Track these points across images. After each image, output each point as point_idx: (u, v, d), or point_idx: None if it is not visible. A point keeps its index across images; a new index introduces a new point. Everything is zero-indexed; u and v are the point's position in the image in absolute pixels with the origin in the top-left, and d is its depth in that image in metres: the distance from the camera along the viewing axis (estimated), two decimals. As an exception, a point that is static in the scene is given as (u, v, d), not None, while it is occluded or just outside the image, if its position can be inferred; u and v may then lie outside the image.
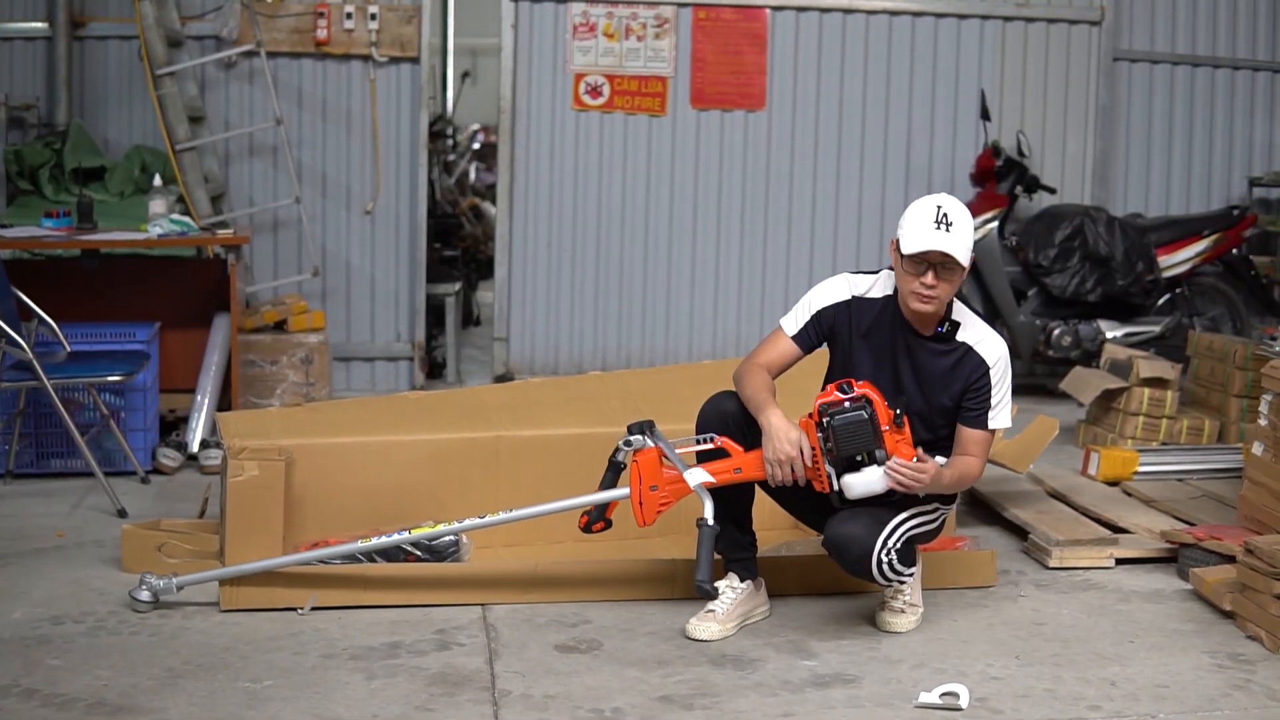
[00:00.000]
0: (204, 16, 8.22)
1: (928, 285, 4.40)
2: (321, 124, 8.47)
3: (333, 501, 5.13)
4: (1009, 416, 4.61)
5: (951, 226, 4.38)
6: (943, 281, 4.41)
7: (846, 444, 4.33)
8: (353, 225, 8.56)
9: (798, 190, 8.88)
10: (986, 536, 5.76)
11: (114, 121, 8.33)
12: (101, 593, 4.84)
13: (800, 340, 4.64)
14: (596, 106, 8.70)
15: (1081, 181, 9.10)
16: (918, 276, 4.41)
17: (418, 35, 8.43)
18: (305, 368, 7.56)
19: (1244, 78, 9.21)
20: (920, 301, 4.44)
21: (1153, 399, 6.92)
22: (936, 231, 4.37)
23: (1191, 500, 5.99)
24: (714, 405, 4.63)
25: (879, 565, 4.42)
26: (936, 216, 4.38)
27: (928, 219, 4.39)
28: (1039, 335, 8.48)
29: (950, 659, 4.43)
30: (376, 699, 4.03)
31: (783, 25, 8.78)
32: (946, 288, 4.43)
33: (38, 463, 6.38)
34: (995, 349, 4.56)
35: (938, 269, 4.39)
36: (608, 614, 4.75)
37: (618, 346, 8.87)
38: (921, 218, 4.40)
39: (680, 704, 4.05)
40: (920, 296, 4.43)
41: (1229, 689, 4.24)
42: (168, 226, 6.82)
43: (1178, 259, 8.55)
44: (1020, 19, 8.94)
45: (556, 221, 8.76)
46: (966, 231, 4.41)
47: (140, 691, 4.02)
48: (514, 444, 5.37)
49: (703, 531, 4.34)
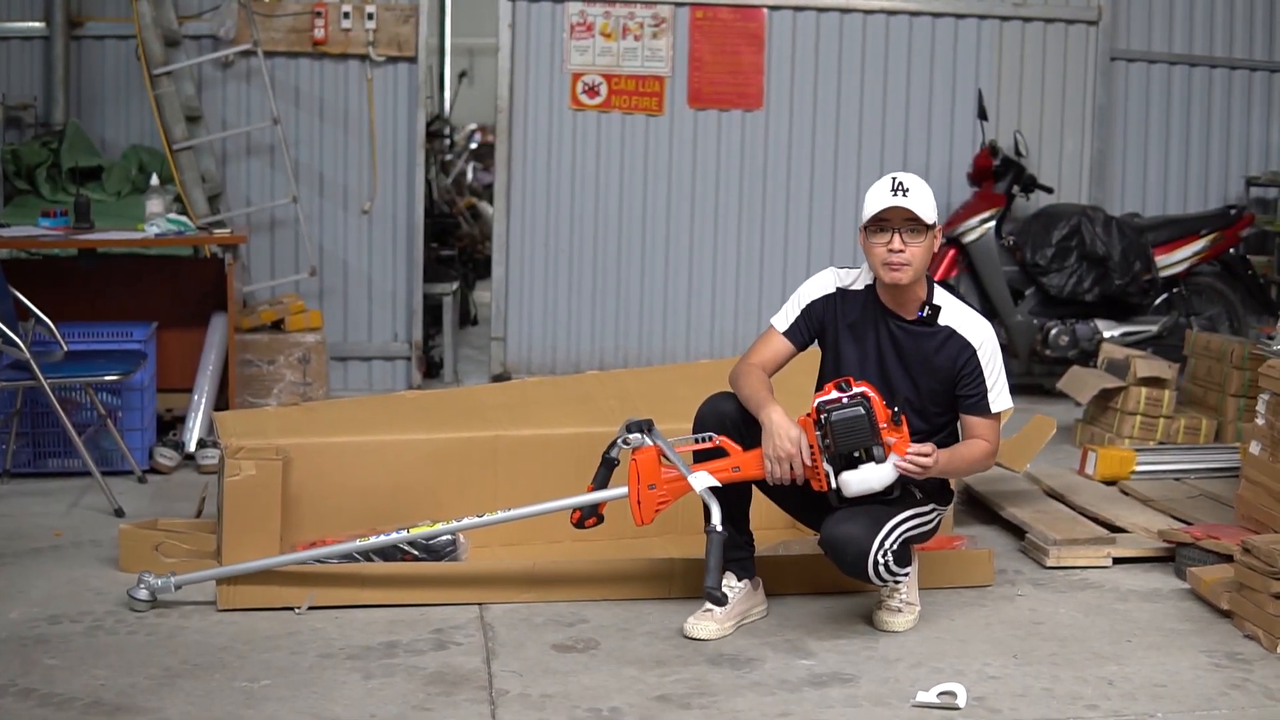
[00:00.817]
0: (201, 16, 8.21)
1: (894, 250, 4.45)
2: (319, 123, 8.47)
3: (330, 501, 5.13)
4: (1008, 398, 4.63)
5: (908, 192, 4.46)
6: (910, 245, 4.45)
7: (845, 440, 4.33)
8: (350, 225, 8.56)
9: (795, 189, 8.88)
10: (984, 536, 5.76)
11: (111, 121, 8.33)
12: (99, 592, 4.84)
13: (792, 336, 4.66)
14: (594, 106, 8.70)
15: (1079, 181, 9.10)
16: (884, 244, 4.46)
17: (415, 35, 8.43)
18: (302, 367, 7.56)
19: (1241, 77, 9.21)
20: (891, 270, 4.48)
21: (1150, 398, 6.93)
22: (893, 196, 4.45)
23: (1189, 499, 5.99)
24: (711, 406, 4.63)
25: (875, 566, 4.42)
26: (892, 185, 4.49)
27: (884, 188, 4.50)
28: (1036, 335, 8.49)
29: (948, 658, 4.43)
30: (374, 698, 4.03)
31: (780, 25, 8.79)
32: (915, 251, 4.47)
33: (35, 462, 6.38)
34: (979, 331, 4.58)
35: (901, 232, 4.44)
36: (605, 613, 4.75)
37: (615, 346, 8.87)
38: (878, 188, 4.51)
39: (678, 703, 4.05)
40: (890, 265, 4.47)
41: (1226, 688, 4.24)
42: (165, 226, 6.81)
43: (1175, 258, 8.55)
44: (1017, 19, 8.95)
45: (554, 221, 8.76)
46: (924, 195, 4.49)
47: (138, 691, 4.02)
48: (511, 444, 5.38)
49: (711, 538, 4.34)
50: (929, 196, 4.51)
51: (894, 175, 4.53)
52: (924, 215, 4.45)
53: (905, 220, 4.45)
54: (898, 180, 4.49)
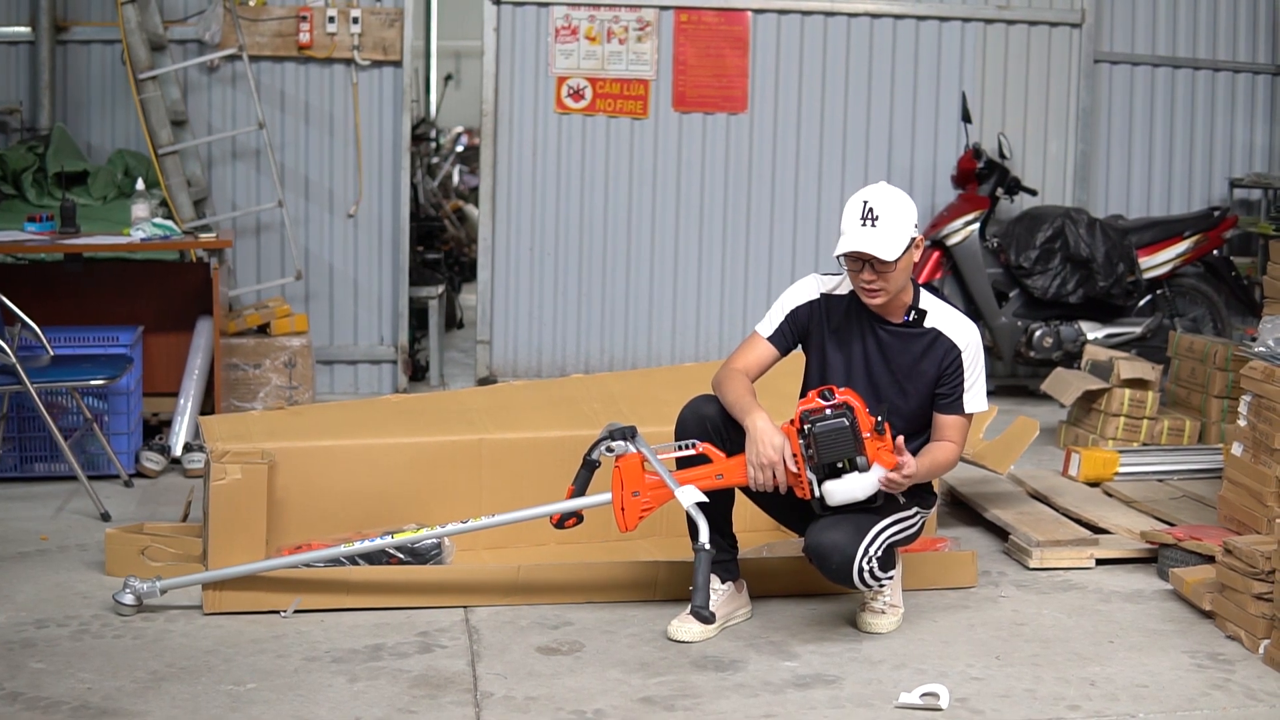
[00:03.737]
0: (186, 20, 8.21)
1: (867, 281, 4.47)
2: (304, 127, 8.47)
3: (315, 505, 5.13)
4: (984, 400, 4.65)
5: (878, 221, 4.42)
6: (880, 276, 4.46)
7: (828, 451, 4.34)
8: (336, 228, 8.56)
9: (779, 193, 8.90)
10: (967, 537, 5.78)
11: (97, 125, 8.32)
12: (85, 596, 4.84)
13: (776, 341, 4.67)
14: (579, 109, 8.71)
15: (1063, 183, 9.12)
16: (857, 274, 4.49)
17: (400, 39, 8.43)
18: (288, 371, 7.56)
19: (1224, 79, 9.24)
20: (868, 296, 4.51)
21: (1134, 400, 6.95)
22: (862, 229, 4.43)
23: (1172, 501, 6.01)
24: (693, 410, 4.64)
25: (860, 572, 4.43)
26: (862, 213, 4.44)
27: (854, 216, 4.46)
28: (1020, 336, 8.51)
29: (931, 659, 4.45)
30: (359, 701, 4.04)
31: (764, 28, 8.80)
32: (890, 277, 4.47)
33: (21, 466, 6.38)
34: (965, 332, 4.61)
35: (871, 265, 4.45)
36: (590, 616, 4.77)
37: (600, 349, 8.88)
38: (849, 216, 4.47)
39: (662, 705, 4.06)
40: (866, 292, 4.50)
41: (1208, 688, 4.26)
42: (150, 230, 6.82)
43: (1159, 260, 8.58)
44: (1001, 21, 8.97)
45: (539, 224, 8.77)
46: (894, 224, 4.43)
47: (124, 694, 4.02)
48: (496, 447, 5.38)
49: (699, 556, 4.35)
50: (901, 219, 4.44)
51: (865, 199, 4.46)
52: (887, 255, 4.39)
53: (869, 256, 4.43)
54: (869, 207, 4.43)
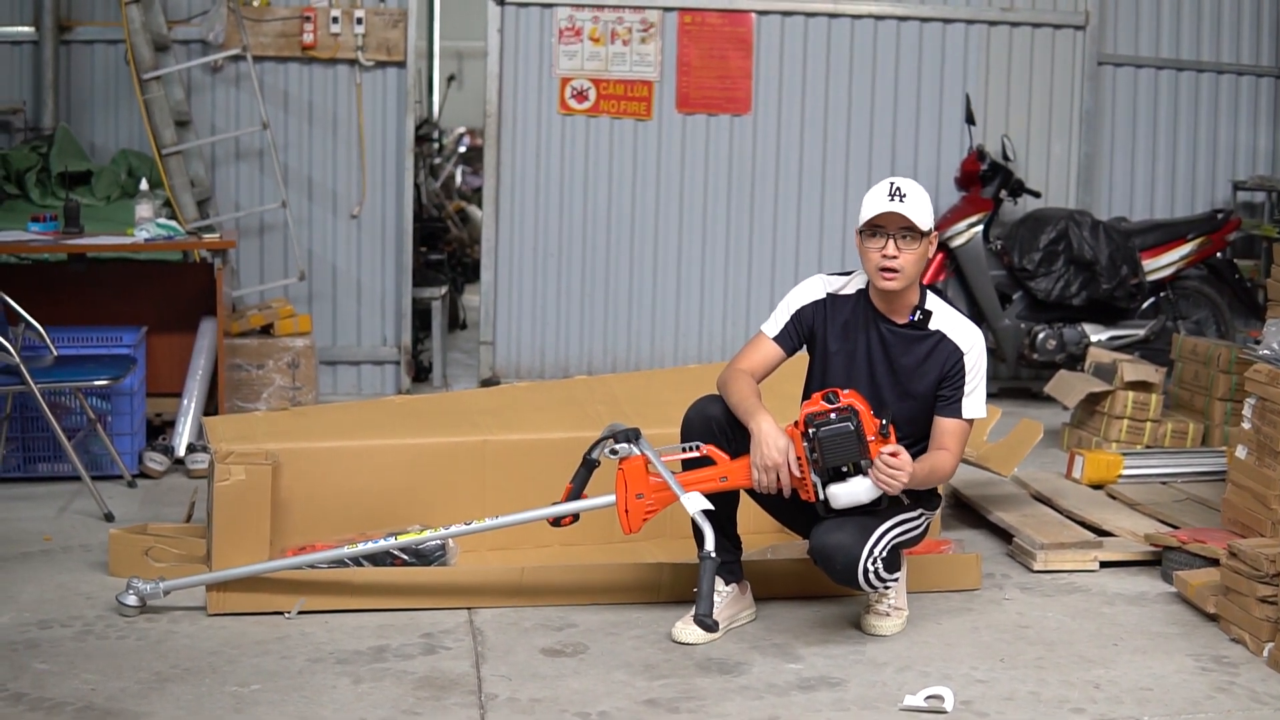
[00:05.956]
0: (190, 21, 8.20)
1: (889, 256, 4.47)
2: (308, 128, 8.47)
3: (319, 506, 5.13)
4: (984, 407, 4.64)
5: (905, 197, 4.48)
6: (904, 252, 4.47)
7: (832, 455, 4.34)
8: (339, 229, 8.56)
9: (783, 194, 8.90)
10: (971, 540, 5.78)
11: (100, 126, 8.32)
12: (88, 597, 4.84)
13: (782, 341, 4.67)
14: (582, 111, 8.71)
15: (1066, 185, 9.12)
16: (879, 249, 4.48)
17: (404, 39, 8.43)
18: (291, 372, 7.56)
19: (1228, 82, 9.24)
20: (885, 278, 4.50)
21: (1137, 402, 6.95)
22: (890, 201, 4.48)
23: (1175, 503, 6.01)
24: (699, 410, 4.64)
25: (865, 574, 4.42)
26: (890, 190, 4.50)
27: (881, 192, 4.51)
28: (1024, 339, 8.50)
29: (935, 662, 4.45)
30: (363, 703, 4.04)
31: (768, 30, 8.80)
32: (909, 258, 4.49)
33: (24, 467, 6.38)
34: (970, 336, 4.61)
35: (896, 238, 4.46)
36: (594, 618, 4.76)
37: (604, 350, 8.87)
38: (876, 192, 4.53)
39: (666, 707, 4.06)
40: (884, 272, 4.49)
41: (1213, 691, 4.26)
42: (154, 231, 6.82)
43: (1162, 262, 8.58)
44: (1005, 23, 8.96)
45: (542, 225, 8.77)
46: (922, 202, 4.51)
47: (127, 695, 4.02)
48: (500, 448, 5.38)
49: (705, 564, 4.33)
50: (926, 203, 4.52)
51: (892, 180, 4.54)
52: (919, 222, 4.47)
53: (901, 227, 4.47)
54: (895, 185, 4.50)
